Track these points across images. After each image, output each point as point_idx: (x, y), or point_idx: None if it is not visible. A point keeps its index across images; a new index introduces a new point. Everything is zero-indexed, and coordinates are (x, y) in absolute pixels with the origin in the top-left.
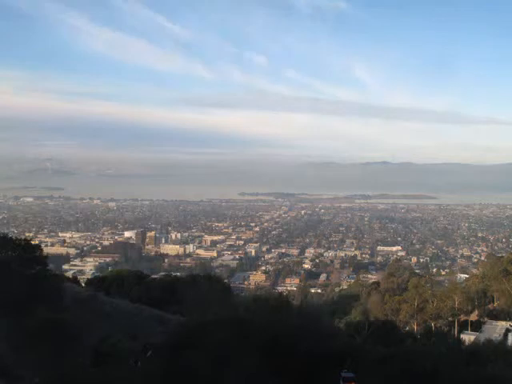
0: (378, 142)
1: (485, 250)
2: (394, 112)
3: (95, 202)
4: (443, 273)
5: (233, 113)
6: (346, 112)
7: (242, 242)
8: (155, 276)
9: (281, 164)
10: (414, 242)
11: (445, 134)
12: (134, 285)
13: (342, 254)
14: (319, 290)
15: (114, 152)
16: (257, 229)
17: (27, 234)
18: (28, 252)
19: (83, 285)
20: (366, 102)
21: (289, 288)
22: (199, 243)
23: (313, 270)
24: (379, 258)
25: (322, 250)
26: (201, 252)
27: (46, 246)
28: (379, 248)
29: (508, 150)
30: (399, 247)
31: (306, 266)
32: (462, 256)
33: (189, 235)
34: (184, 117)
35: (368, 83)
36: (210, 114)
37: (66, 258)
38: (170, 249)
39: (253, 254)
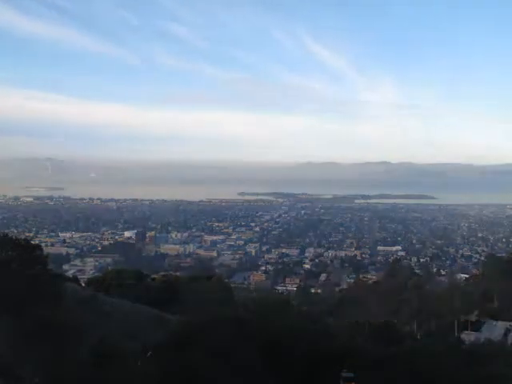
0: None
1: (485, 250)
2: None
3: (95, 202)
4: (443, 273)
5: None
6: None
7: (242, 242)
8: (155, 276)
9: (281, 164)
10: (414, 242)
11: (442, 132)
12: (133, 285)
13: (342, 254)
14: (319, 290)
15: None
16: (257, 229)
17: (27, 234)
18: (28, 252)
19: (83, 285)
20: (340, 93)
21: (289, 288)
22: (199, 243)
23: (313, 269)
24: (379, 258)
25: (322, 250)
26: (201, 252)
27: (46, 246)
28: (379, 248)
29: (508, 150)
30: (399, 247)
31: (306, 265)
32: (462, 256)
33: (189, 235)
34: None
35: (334, 67)
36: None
37: (66, 258)
38: (170, 249)
39: (253, 253)
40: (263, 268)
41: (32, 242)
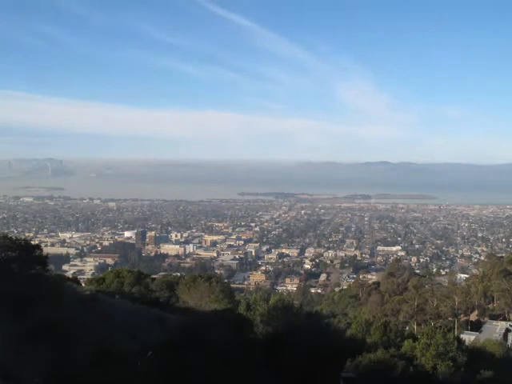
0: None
1: (485, 249)
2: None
3: (95, 201)
4: (443, 273)
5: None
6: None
7: (242, 242)
8: (155, 276)
9: (281, 164)
10: (414, 242)
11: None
12: (133, 285)
13: (342, 254)
14: (319, 290)
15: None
16: (257, 229)
17: (27, 234)
18: (28, 252)
19: (83, 285)
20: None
21: (289, 288)
22: (199, 243)
23: (313, 270)
24: (379, 258)
25: (322, 250)
26: (201, 252)
27: (46, 246)
28: (379, 248)
29: (508, 150)
30: (399, 247)
31: (306, 265)
32: (462, 256)
33: (189, 235)
34: None
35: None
36: None
37: (66, 258)
38: (170, 249)
39: (253, 253)
40: (263, 268)
41: (32, 242)
